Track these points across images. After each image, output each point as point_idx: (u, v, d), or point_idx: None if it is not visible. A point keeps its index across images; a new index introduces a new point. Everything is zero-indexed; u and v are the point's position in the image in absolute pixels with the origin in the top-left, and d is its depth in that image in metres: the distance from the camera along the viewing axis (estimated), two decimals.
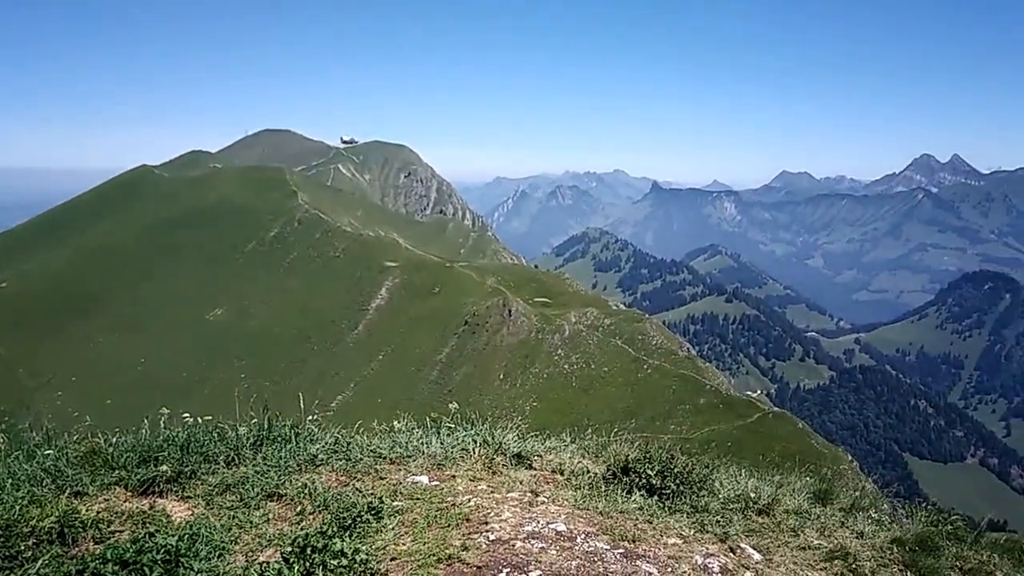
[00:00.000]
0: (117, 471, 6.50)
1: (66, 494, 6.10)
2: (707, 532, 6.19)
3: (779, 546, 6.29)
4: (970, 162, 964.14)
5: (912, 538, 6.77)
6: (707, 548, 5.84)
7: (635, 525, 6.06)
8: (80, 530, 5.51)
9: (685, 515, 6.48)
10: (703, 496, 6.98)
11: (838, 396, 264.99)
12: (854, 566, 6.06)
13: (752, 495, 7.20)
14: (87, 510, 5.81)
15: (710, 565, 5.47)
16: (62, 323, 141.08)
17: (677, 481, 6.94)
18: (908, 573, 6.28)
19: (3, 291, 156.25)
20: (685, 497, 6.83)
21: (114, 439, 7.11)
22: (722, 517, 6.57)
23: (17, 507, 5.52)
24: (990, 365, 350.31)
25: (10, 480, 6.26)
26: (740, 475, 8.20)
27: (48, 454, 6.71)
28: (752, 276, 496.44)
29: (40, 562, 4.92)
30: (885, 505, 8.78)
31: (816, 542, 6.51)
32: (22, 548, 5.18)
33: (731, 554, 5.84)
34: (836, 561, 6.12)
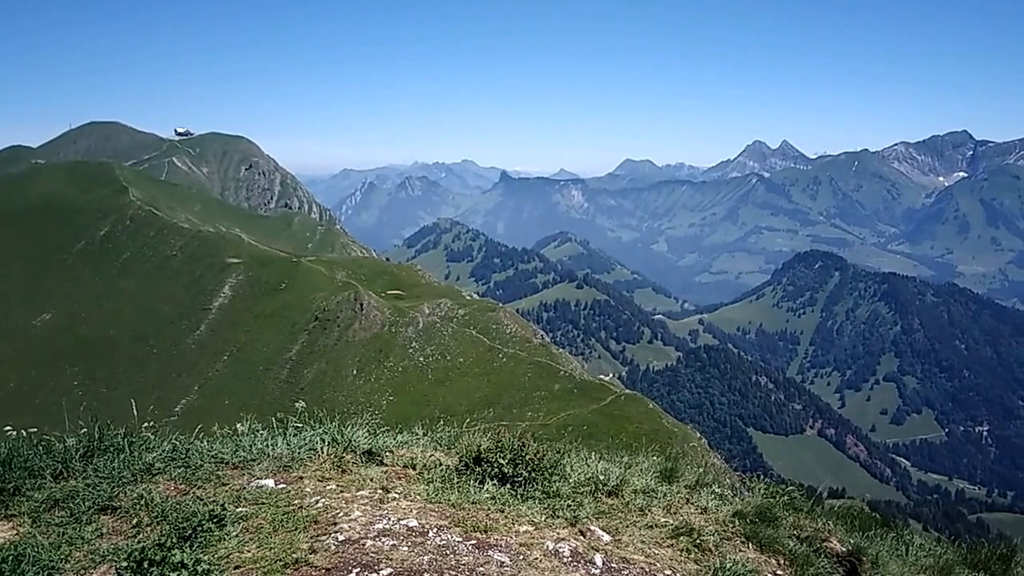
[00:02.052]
0: None
1: None
2: (558, 517, 6.31)
3: (627, 526, 6.49)
4: (798, 147, 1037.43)
5: (753, 510, 7.13)
6: (558, 533, 5.96)
7: (487, 515, 6.11)
8: None
9: (537, 502, 6.58)
10: (554, 482, 7.10)
11: (685, 376, 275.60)
12: (699, 541, 6.33)
13: (601, 478, 7.39)
14: None
15: (561, 550, 5.59)
16: None
17: (529, 468, 7.02)
18: (749, 544, 6.62)
19: None
20: (537, 484, 6.93)
21: None
22: (573, 501, 6.70)
23: None
24: (823, 340, 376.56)
25: None
26: (591, 458, 8.39)
27: None
28: (601, 262, 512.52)
29: None
30: (729, 480, 9.27)
31: (663, 520, 6.76)
32: None
33: (581, 537, 5.99)
34: (682, 537, 6.37)
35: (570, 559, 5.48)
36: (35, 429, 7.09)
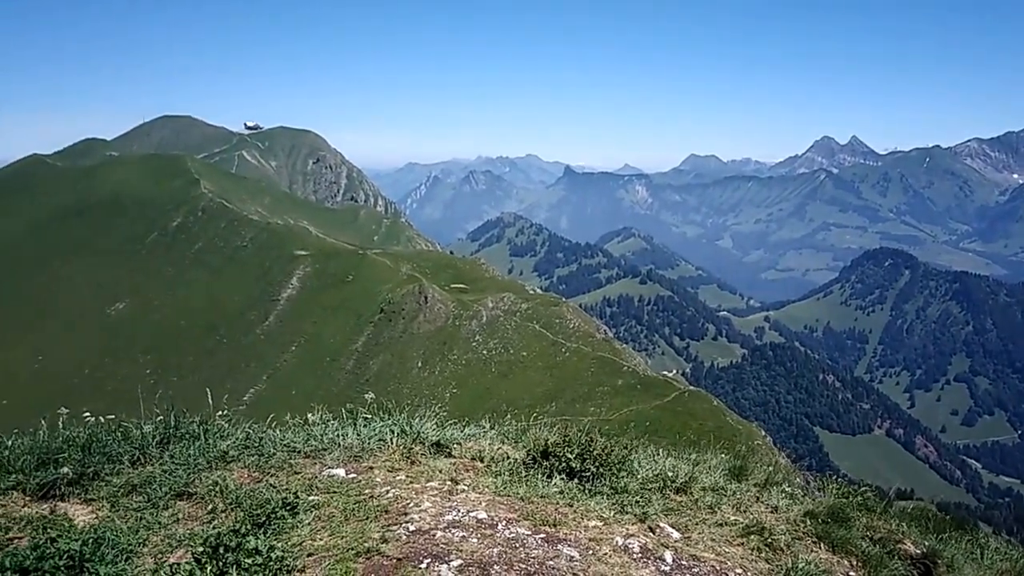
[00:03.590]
0: (14, 475, 6.14)
1: None
2: (627, 513, 6.25)
3: (697, 523, 6.40)
4: (868, 143, 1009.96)
5: (824, 510, 7.00)
6: (627, 529, 5.90)
7: (556, 509, 6.08)
8: None
9: (605, 497, 6.53)
10: (622, 477, 7.04)
11: (750, 373, 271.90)
12: (770, 540, 6.22)
13: (670, 474, 7.31)
14: None
15: (630, 546, 5.53)
16: None
17: (596, 463, 6.98)
18: (821, 545, 6.49)
19: None
20: (604, 479, 6.88)
21: (10, 441, 6.71)
22: (641, 497, 6.64)
23: None
24: (893, 339, 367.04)
25: None
26: (658, 455, 8.31)
27: None
28: (665, 257, 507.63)
29: None
30: (798, 479, 9.09)
31: (733, 518, 6.66)
32: None
33: (651, 534, 5.92)
34: (752, 536, 6.27)
35: (640, 555, 5.43)
36: (112, 416, 7.31)
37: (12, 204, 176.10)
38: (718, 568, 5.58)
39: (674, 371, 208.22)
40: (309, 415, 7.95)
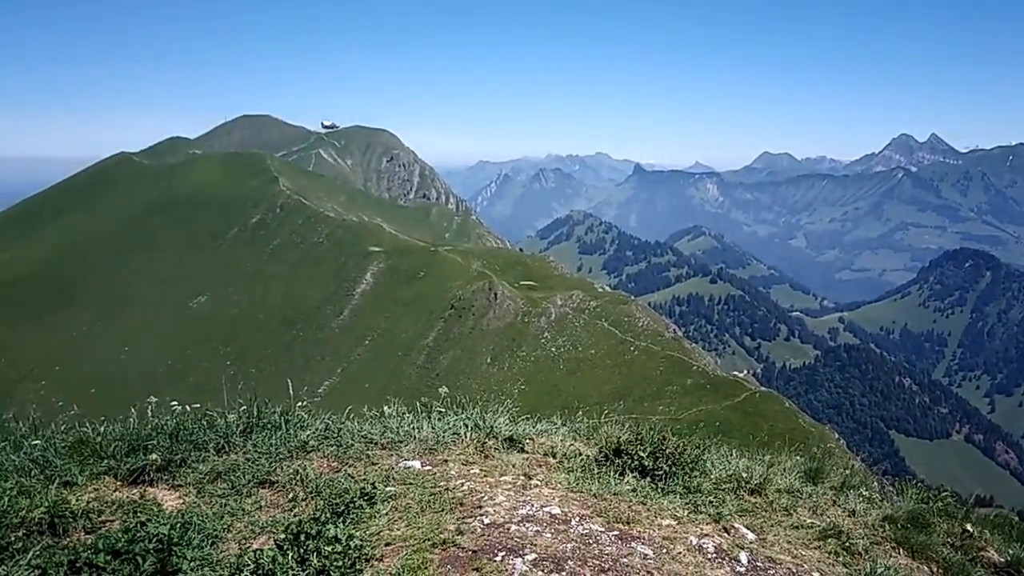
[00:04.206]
0: (106, 460, 6.42)
1: (55, 484, 6.00)
2: (701, 513, 6.20)
3: (772, 525, 6.32)
4: (948, 141, 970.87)
5: (904, 515, 6.82)
6: (701, 529, 5.85)
7: (629, 507, 6.07)
8: (71, 520, 5.45)
9: (678, 496, 6.49)
10: (695, 477, 6.99)
11: (824, 375, 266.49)
12: (847, 544, 6.10)
13: (744, 475, 7.23)
14: (77, 500, 5.74)
15: (705, 546, 5.49)
16: (43, 313, 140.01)
17: (669, 462, 6.94)
18: (901, 550, 6.33)
19: None
20: (677, 478, 6.83)
21: (101, 428, 7.02)
22: (715, 498, 6.58)
23: (6, 498, 5.44)
24: (973, 342, 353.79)
25: None
26: (731, 455, 8.22)
27: (36, 444, 6.61)
28: (736, 257, 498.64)
29: (31, 553, 4.87)
30: (874, 483, 8.86)
31: (809, 521, 6.54)
32: (12, 539, 5.12)
33: (725, 534, 5.86)
34: (830, 539, 6.15)
35: (714, 555, 5.38)
36: (197, 405, 7.57)
37: (101, 200, 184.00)
38: (794, 571, 5.49)
39: (745, 371, 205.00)
40: (385, 408, 8.11)
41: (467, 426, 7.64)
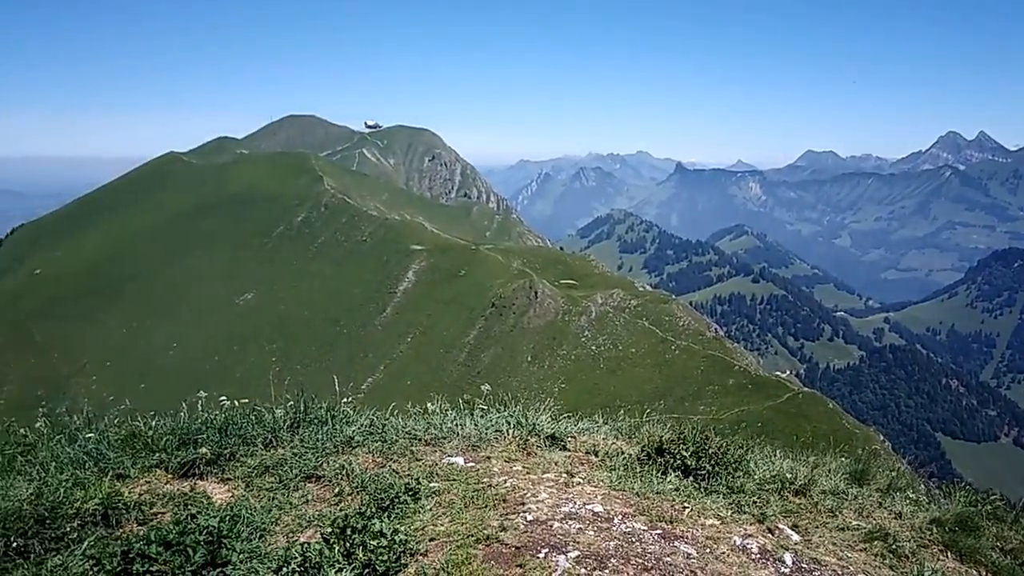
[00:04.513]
0: (157, 454, 6.60)
1: (109, 476, 6.19)
2: (744, 513, 6.16)
3: (817, 527, 6.25)
4: (997, 139, 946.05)
5: (952, 518, 6.70)
6: (745, 529, 5.82)
7: (672, 506, 6.06)
8: (123, 512, 5.61)
9: (721, 496, 6.46)
10: (739, 477, 6.94)
11: (868, 376, 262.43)
12: (894, 547, 6.02)
13: (788, 476, 7.16)
14: (129, 492, 5.91)
15: (748, 546, 5.45)
16: (94, 309, 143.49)
17: (712, 462, 6.90)
18: (949, 554, 6.22)
19: (37, 278, 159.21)
20: (720, 478, 6.80)
21: (153, 422, 7.20)
22: (759, 498, 6.53)
23: (61, 489, 5.62)
24: (1022, 343, 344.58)
25: (53, 463, 6.38)
26: (774, 456, 8.15)
27: (89, 437, 6.81)
28: (779, 256, 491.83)
29: (86, 543, 5.02)
30: (921, 485, 8.71)
31: (855, 523, 6.47)
32: (68, 530, 5.29)
33: (769, 535, 5.82)
34: (876, 542, 6.07)
35: (758, 556, 5.34)
36: (246, 400, 7.73)
37: (151, 199, 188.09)
38: (840, 573, 5.44)
39: (787, 372, 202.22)
40: (428, 404, 8.20)
41: (509, 423, 7.69)
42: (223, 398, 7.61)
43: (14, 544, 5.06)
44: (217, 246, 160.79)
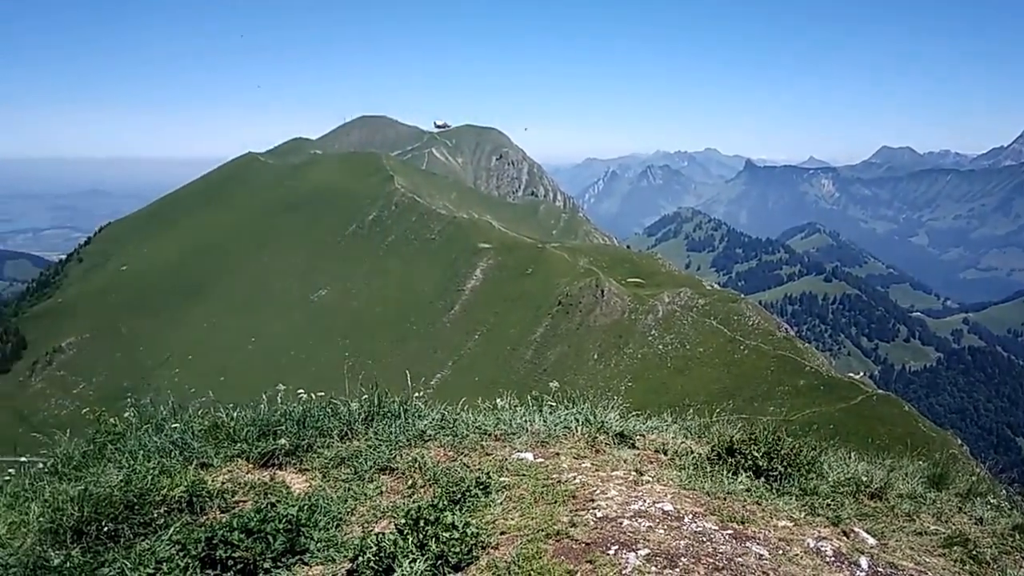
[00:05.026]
0: (239, 444, 6.85)
1: (193, 465, 6.46)
2: (818, 515, 6.06)
3: (894, 531, 6.12)
4: None
5: None
6: (819, 531, 5.72)
7: (743, 507, 5.99)
8: (207, 499, 5.84)
9: (794, 498, 6.36)
10: (812, 479, 6.82)
11: (946, 378, 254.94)
12: (974, 552, 5.84)
13: (864, 478, 7.01)
14: (213, 480, 6.15)
15: (823, 548, 5.37)
16: (177, 304, 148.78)
17: (784, 463, 6.80)
18: None
19: (123, 274, 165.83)
20: (793, 480, 6.69)
21: (234, 414, 7.47)
22: (833, 500, 6.41)
23: (149, 477, 5.87)
24: None
25: (141, 452, 6.68)
26: (848, 458, 7.99)
27: (175, 427, 7.11)
28: (852, 255, 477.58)
29: (172, 529, 5.23)
30: (1002, 491, 8.42)
31: (933, 527, 6.30)
32: (155, 515, 5.52)
33: (844, 538, 5.72)
34: (955, 547, 5.91)
35: (833, 559, 5.25)
36: (322, 393, 7.95)
37: (231, 198, 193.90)
38: None
39: (861, 373, 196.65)
40: (497, 400, 8.29)
41: (578, 420, 7.71)
42: (301, 391, 7.84)
43: (105, 528, 5.31)
44: (293, 244, 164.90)
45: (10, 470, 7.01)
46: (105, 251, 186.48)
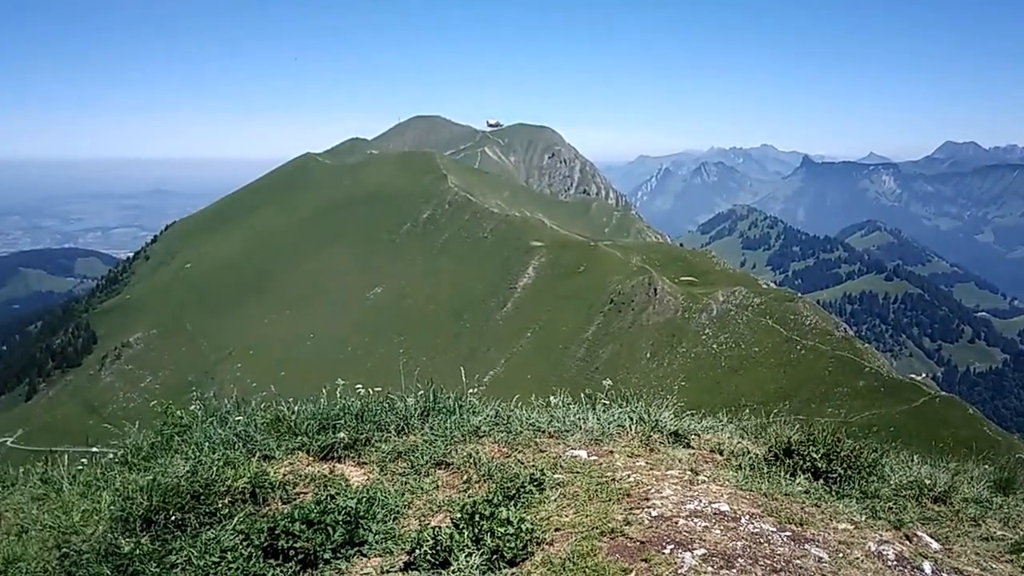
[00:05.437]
0: (300, 437, 7.03)
1: (256, 457, 6.65)
2: (879, 519, 5.94)
3: (959, 536, 5.97)
4: None
5: None
6: (880, 535, 5.61)
7: (802, 508, 5.91)
8: (269, 491, 6.00)
9: (854, 500, 6.25)
10: (872, 482, 6.69)
11: (1013, 380, 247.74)
12: None
13: (927, 482, 6.85)
14: (275, 472, 6.31)
15: (884, 552, 5.26)
16: (239, 301, 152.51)
17: (844, 465, 6.67)
18: None
19: (188, 271, 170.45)
20: (853, 482, 6.57)
21: (295, 407, 7.66)
22: (895, 504, 6.28)
23: (214, 468, 6.06)
24: None
25: (207, 443, 6.90)
26: (911, 461, 7.81)
27: (239, 420, 7.34)
28: (914, 253, 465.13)
29: (236, 519, 5.39)
30: None
31: (1000, 533, 6.13)
32: (219, 506, 5.68)
33: (907, 542, 5.60)
34: (1023, 554, 5.74)
35: (895, 563, 5.15)
36: (380, 388, 8.09)
37: (290, 198, 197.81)
38: None
39: (923, 375, 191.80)
40: (552, 397, 8.32)
41: (631, 419, 7.68)
42: (359, 386, 7.99)
43: (173, 517, 5.48)
44: (349, 242, 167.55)
45: (82, 460, 7.31)
46: (171, 249, 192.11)
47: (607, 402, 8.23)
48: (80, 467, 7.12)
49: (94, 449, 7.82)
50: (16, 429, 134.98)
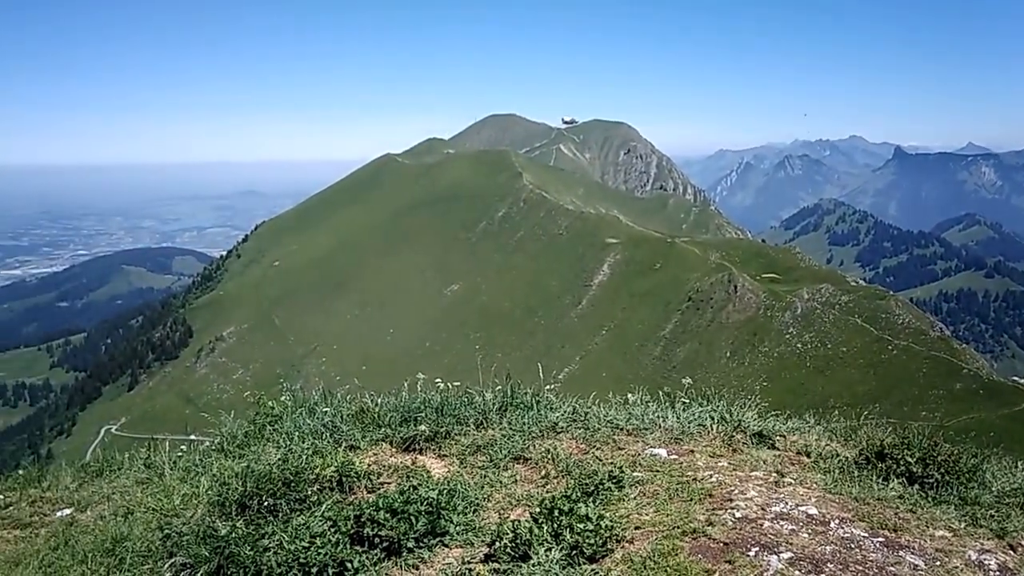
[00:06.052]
0: (383, 429, 7.24)
1: (342, 447, 6.89)
2: (980, 527, 5.65)
3: None
4: None
5: None
6: (982, 543, 5.34)
7: (895, 514, 5.68)
8: (355, 479, 6.18)
9: (953, 507, 5.97)
10: (973, 488, 6.37)
11: None
12: None
13: None
14: (360, 462, 6.47)
15: (986, 561, 5.00)
16: (323, 297, 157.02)
17: (942, 470, 6.37)
18: None
19: (276, 269, 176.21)
20: (952, 488, 6.27)
21: (378, 400, 7.85)
22: (997, 511, 5.97)
23: (304, 457, 6.32)
24: None
25: (297, 433, 7.17)
26: (1015, 467, 7.42)
27: (326, 412, 7.59)
28: (1017, 248, 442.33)
29: (324, 506, 5.54)
30: None
31: None
32: (308, 493, 5.90)
33: (1011, 551, 5.31)
34: None
35: (997, 573, 4.89)
36: (458, 383, 8.18)
37: (370, 197, 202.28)
38: None
39: None
40: (629, 395, 8.23)
41: (713, 418, 7.54)
42: (438, 380, 8.11)
43: (266, 503, 5.73)
44: (427, 241, 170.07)
45: (182, 447, 7.74)
46: (260, 248, 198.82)
47: (686, 401, 8.09)
48: (180, 454, 7.53)
49: (192, 437, 8.24)
50: (120, 417, 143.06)
